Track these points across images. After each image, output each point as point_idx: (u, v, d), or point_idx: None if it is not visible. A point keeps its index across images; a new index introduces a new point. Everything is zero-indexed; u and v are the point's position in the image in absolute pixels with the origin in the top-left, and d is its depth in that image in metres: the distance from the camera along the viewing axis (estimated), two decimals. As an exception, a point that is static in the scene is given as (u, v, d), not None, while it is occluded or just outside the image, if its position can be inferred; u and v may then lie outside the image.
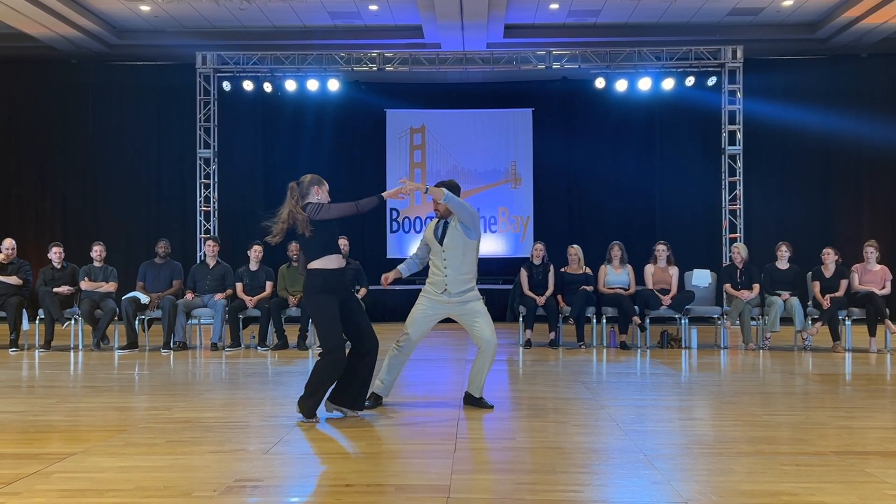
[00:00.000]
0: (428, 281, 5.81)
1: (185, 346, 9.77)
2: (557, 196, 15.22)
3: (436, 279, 5.74)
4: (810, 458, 4.34)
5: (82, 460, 4.28)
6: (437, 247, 5.73)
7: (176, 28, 13.80)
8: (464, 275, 5.70)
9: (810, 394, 6.69)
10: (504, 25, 13.47)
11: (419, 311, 5.79)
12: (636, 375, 7.77)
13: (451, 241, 5.66)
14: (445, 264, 5.67)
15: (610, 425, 5.18)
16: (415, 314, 5.80)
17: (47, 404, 6.01)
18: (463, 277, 5.69)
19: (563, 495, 3.67)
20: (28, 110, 14.91)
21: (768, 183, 14.50)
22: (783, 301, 9.68)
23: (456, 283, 5.67)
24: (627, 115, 14.65)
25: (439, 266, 5.71)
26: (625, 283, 10.06)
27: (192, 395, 6.49)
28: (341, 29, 13.93)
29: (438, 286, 5.72)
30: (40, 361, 8.74)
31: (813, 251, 10.69)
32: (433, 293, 5.76)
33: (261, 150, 15.19)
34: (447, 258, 5.68)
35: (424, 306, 5.79)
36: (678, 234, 13.14)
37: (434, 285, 5.75)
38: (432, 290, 5.76)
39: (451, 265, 5.66)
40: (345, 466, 4.24)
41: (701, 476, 3.97)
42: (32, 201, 14.93)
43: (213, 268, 10.09)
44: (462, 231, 5.65)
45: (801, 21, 13.58)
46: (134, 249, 14.03)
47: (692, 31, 13.76)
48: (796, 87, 14.37)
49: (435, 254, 5.77)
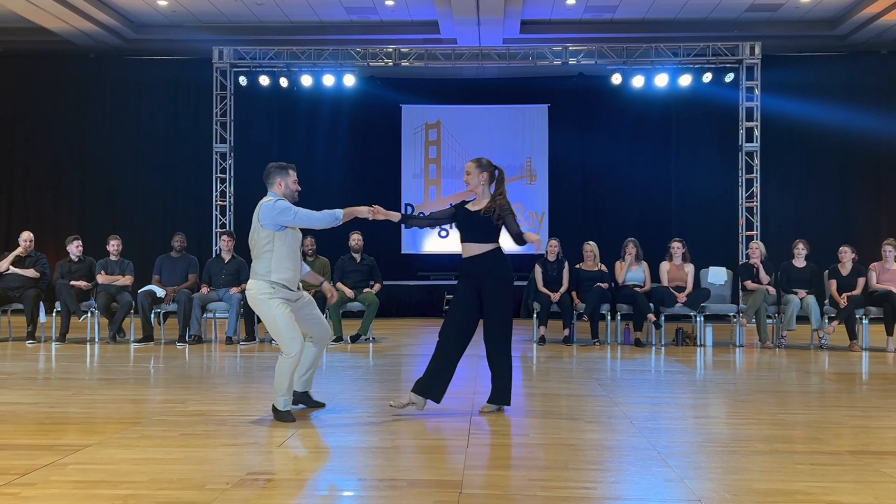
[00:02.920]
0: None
1: (200, 339, 9.82)
2: (573, 192, 15.18)
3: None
4: (825, 457, 4.31)
5: (97, 452, 4.30)
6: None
7: (193, 23, 13.85)
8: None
9: (826, 393, 6.64)
10: (520, 21, 13.44)
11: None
12: (650, 373, 7.74)
13: None
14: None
15: (623, 422, 5.16)
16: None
17: (63, 396, 6.05)
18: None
19: (575, 492, 3.66)
20: (46, 104, 15.00)
21: (785, 180, 14.39)
22: (799, 299, 9.61)
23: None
24: (644, 111, 14.59)
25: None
26: (640, 281, 10.02)
27: (206, 388, 6.51)
28: (357, 24, 13.93)
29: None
30: (56, 353, 8.80)
31: (830, 249, 10.60)
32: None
33: (276, 144, 15.22)
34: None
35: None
36: (694, 232, 13.06)
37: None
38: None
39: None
40: (357, 461, 4.24)
41: (715, 474, 3.95)
42: (50, 195, 15.03)
43: (228, 262, 10.12)
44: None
45: (819, 17, 13.48)
46: (150, 243, 14.09)
47: (710, 27, 13.69)
48: (814, 84, 14.25)
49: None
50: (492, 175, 5.69)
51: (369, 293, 9.97)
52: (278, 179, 5.36)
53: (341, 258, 10.32)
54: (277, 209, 5.18)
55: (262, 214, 5.20)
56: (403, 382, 7.01)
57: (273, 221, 5.18)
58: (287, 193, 5.37)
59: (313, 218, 5.26)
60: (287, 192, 5.37)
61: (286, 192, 5.37)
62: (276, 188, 5.34)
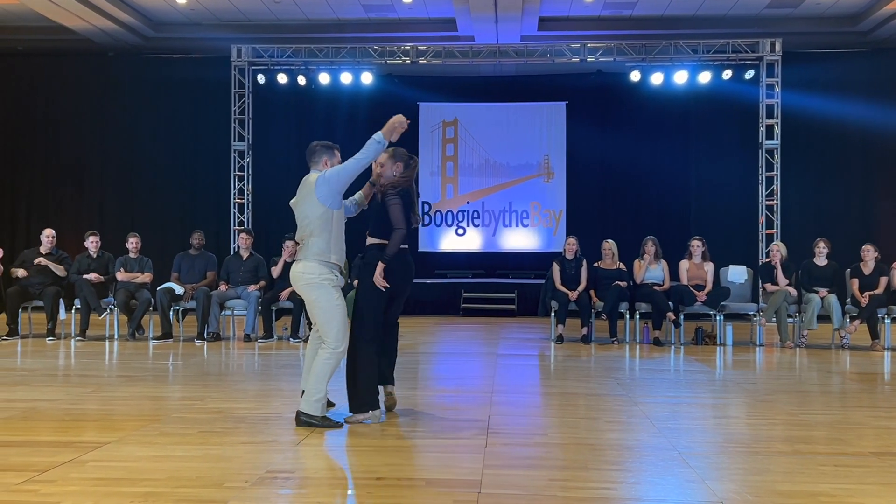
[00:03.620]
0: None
1: (219, 336, 9.84)
2: (591, 190, 15.10)
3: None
4: (848, 458, 4.26)
5: (116, 449, 4.31)
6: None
7: (211, 21, 13.89)
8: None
9: (848, 393, 6.57)
10: (538, 18, 13.38)
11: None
12: (670, 372, 7.69)
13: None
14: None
15: (643, 422, 5.12)
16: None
17: (82, 393, 6.08)
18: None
19: (595, 493, 3.63)
20: (65, 102, 15.09)
21: (806, 178, 14.24)
22: (821, 298, 9.52)
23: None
24: (663, 108, 14.48)
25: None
26: (659, 279, 9.96)
27: (225, 385, 6.53)
28: (375, 22, 13.92)
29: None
30: (76, 350, 8.86)
31: (852, 248, 10.49)
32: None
33: (294, 142, 15.22)
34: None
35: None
36: (713, 230, 12.96)
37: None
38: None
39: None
40: (376, 459, 4.23)
41: (736, 475, 3.91)
42: (70, 193, 15.12)
43: (246, 259, 10.15)
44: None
45: (841, 13, 13.33)
46: (169, 241, 14.14)
47: (729, 24, 13.58)
48: (836, 81, 14.09)
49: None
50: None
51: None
52: (324, 158, 5.25)
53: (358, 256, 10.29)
54: (329, 177, 4.98)
55: (318, 189, 4.97)
56: (420, 381, 7.00)
57: (330, 191, 4.98)
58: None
59: (361, 159, 4.97)
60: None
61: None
62: (322, 166, 5.23)
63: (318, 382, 4.92)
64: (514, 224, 15.27)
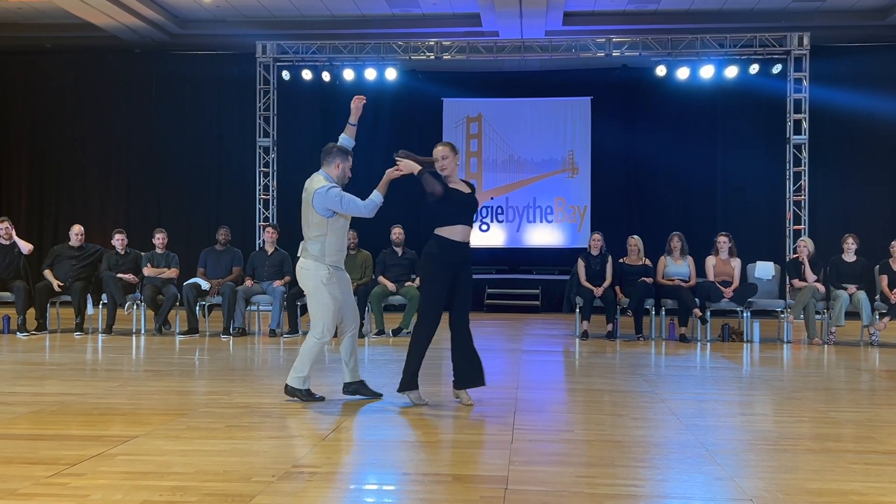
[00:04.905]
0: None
1: (245, 332, 9.90)
2: (616, 186, 15.02)
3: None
4: (879, 456, 4.21)
5: (144, 443, 4.35)
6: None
7: (236, 18, 13.96)
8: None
9: (877, 391, 6.49)
10: (563, 13, 13.31)
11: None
12: (696, 369, 7.64)
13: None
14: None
15: (670, 419, 5.09)
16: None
17: (110, 387, 6.13)
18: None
19: (622, 489, 3.61)
20: (92, 99, 15.22)
21: (834, 173, 14.05)
22: (849, 295, 9.41)
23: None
24: (689, 103, 14.35)
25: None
26: (685, 275, 9.89)
27: (251, 380, 6.56)
28: (399, 17, 13.92)
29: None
30: (103, 345, 8.93)
31: (881, 244, 10.36)
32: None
33: (319, 138, 15.21)
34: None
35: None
36: (740, 226, 12.83)
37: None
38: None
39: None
40: (402, 455, 4.23)
41: (765, 473, 3.87)
42: (97, 189, 15.25)
43: (271, 255, 10.19)
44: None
45: (869, 7, 13.15)
46: (195, 236, 14.23)
47: (756, 18, 13.43)
48: (865, 75, 13.88)
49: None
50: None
51: (411, 287, 9.96)
52: (337, 161, 5.55)
53: (383, 252, 10.34)
54: (329, 197, 5.35)
55: (315, 200, 5.38)
56: (444, 376, 6.99)
57: (324, 207, 5.37)
58: (340, 176, 5.55)
59: (359, 207, 5.40)
60: (341, 175, 5.56)
61: (340, 174, 5.56)
62: (333, 169, 5.53)
63: (302, 363, 5.47)
64: (539, 220, 15.22)
